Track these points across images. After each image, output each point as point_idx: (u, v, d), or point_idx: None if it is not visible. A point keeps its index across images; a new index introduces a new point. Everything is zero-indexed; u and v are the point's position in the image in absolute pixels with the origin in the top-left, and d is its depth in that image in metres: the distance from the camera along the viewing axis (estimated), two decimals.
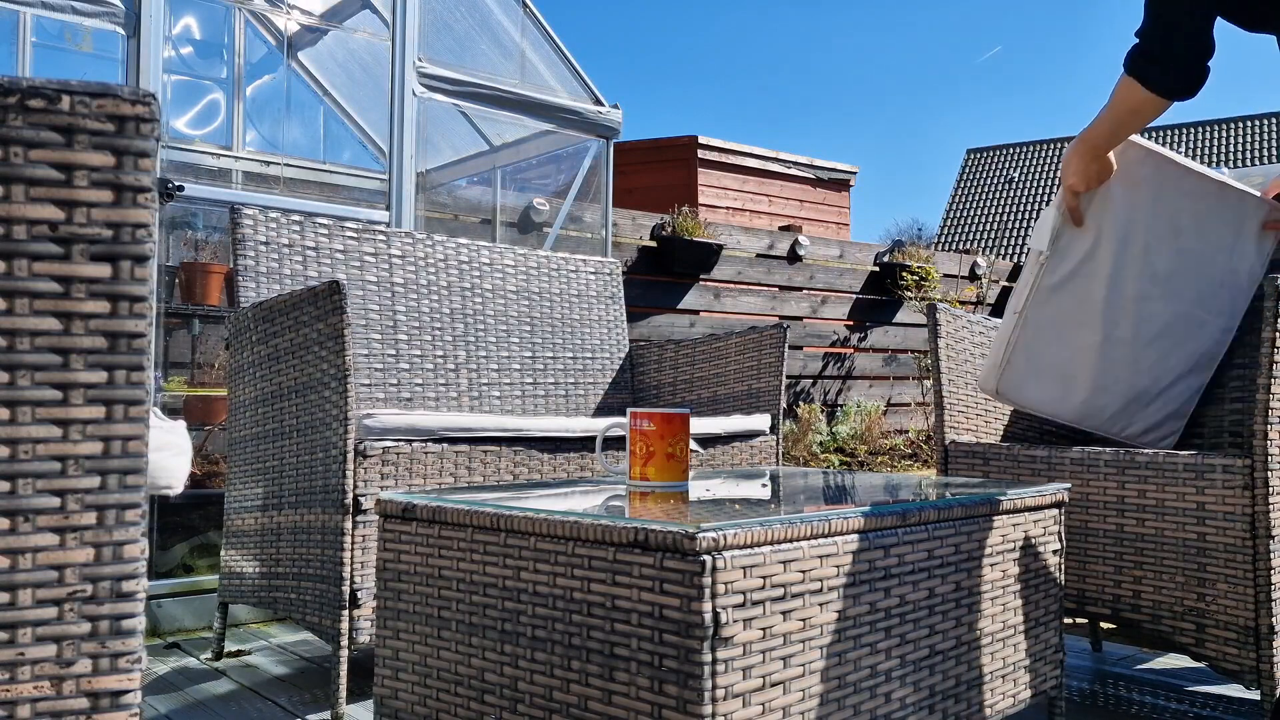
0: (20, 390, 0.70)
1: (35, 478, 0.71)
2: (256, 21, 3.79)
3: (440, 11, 3.14)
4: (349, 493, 1.78)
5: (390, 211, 2.91)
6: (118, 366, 0.73)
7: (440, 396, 2.48)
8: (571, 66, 3.36)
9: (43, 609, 0.71)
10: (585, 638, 1.11)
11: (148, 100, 0.73)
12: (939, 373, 2.15)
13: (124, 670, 0.73)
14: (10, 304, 0.70)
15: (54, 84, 0.70)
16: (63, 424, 0.71)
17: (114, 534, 0.73)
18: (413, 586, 1.30)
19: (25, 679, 0.70)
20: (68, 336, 0.71)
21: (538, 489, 1.52)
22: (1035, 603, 1.53)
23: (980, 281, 6.18)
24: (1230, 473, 1.76)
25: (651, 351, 2.81)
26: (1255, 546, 1.73)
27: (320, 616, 1.83)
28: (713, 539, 1.02)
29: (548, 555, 1.15)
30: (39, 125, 0.70)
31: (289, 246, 2.32)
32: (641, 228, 4.72)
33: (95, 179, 0.72)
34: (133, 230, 0.73)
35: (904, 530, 1.27)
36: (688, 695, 1.02)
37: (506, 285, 2.69)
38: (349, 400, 1.77)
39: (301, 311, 1.90)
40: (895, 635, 1.25)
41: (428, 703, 1.28)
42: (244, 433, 2.18)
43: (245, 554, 2.14)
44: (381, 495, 1.35)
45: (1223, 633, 1.76)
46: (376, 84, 3.35)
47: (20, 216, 0.70)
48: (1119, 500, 1.92)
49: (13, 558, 0.70)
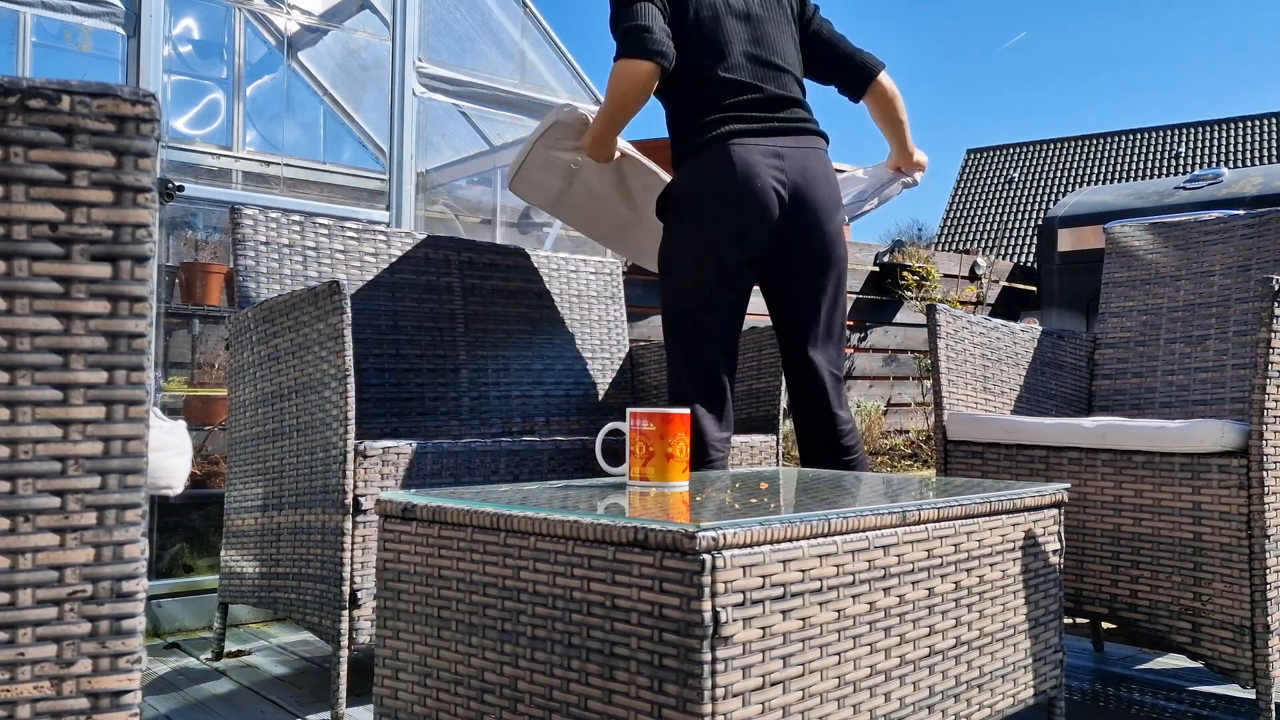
0: (20, 390, 0.70)
1: (35, 478, 0.71)
2: (256, 21, 3.79)
3: (440, 11, 3.14)
4: (349, 493, 1.78)
5: (390, 211, 2.92)
6: (118, 366, 0.73)
7: (440, 397, 2.48)
8: (571, 67, 3.36)
9: (43, 609, 0.71)
10: (585, 637, 1.11)
11: (148, 100, 0.73)
12: (939, 373, 2.15)
13: (124, 670, 0.73)
14: (10, 304, 0.70)
15: (54, 84, 0.70)
16: (63, 424, 0.71)
17: (114, 534, 0.73)
18: (413, 586, 1.30)
19: (25, 679, 0.71)
20: (68, 336, 0.71)
21: (537, 489, 1.52)
22: (1035, 603, 1.53)
23: (980, 281, 6.18)
24: (1226, 472, 1.76)
25: (651, 351, 2.81)
26: (1251, 546, 1.73)
27: (320, 616, 1.84)
28: (712, 538, 1.02)
29: (547, 555, 1.15)
30: (39, 125, 0.70)
31: (289, 246, 2.33)
32: None
33: (95, 179, 0.72)
34: (133, 230, 0.73)
35: (904, 530, 1.27)
36: (688, 694, 1.02)
37: (507, 285, 2.69)
38: (349, 400, 1.77)
39: (302, 311, 1.90)
40: (895, 635, 1.26)
41: (427, 703, 1.28)
42: (244, 433, 2.18)
43: (245, 554, 2.14)
44: (381, 495, 1.35)
45: (1219, 632, 1.77)
46: (376, 84, 3.35)
47: (20, 216, 0.70)
48: (1116, 500, 1.92)
49: (13, 558, 0.70)
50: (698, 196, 2.11)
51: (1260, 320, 1.70)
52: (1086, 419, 2.07)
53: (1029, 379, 2.41)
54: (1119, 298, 2.59)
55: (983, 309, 6.15)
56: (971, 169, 25.64)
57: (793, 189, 2.11)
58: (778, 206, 2.10)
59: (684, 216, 2.14)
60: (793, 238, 2.15)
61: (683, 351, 2.15)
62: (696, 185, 2.12)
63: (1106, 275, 2.63)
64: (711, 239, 2.10)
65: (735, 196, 2.06)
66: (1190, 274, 2.51)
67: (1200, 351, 2.41)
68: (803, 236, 2.15)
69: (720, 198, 2.08)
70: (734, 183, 2.07)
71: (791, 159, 2.12)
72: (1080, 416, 2.36)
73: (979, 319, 2.30)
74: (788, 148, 2.13)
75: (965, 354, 2.23)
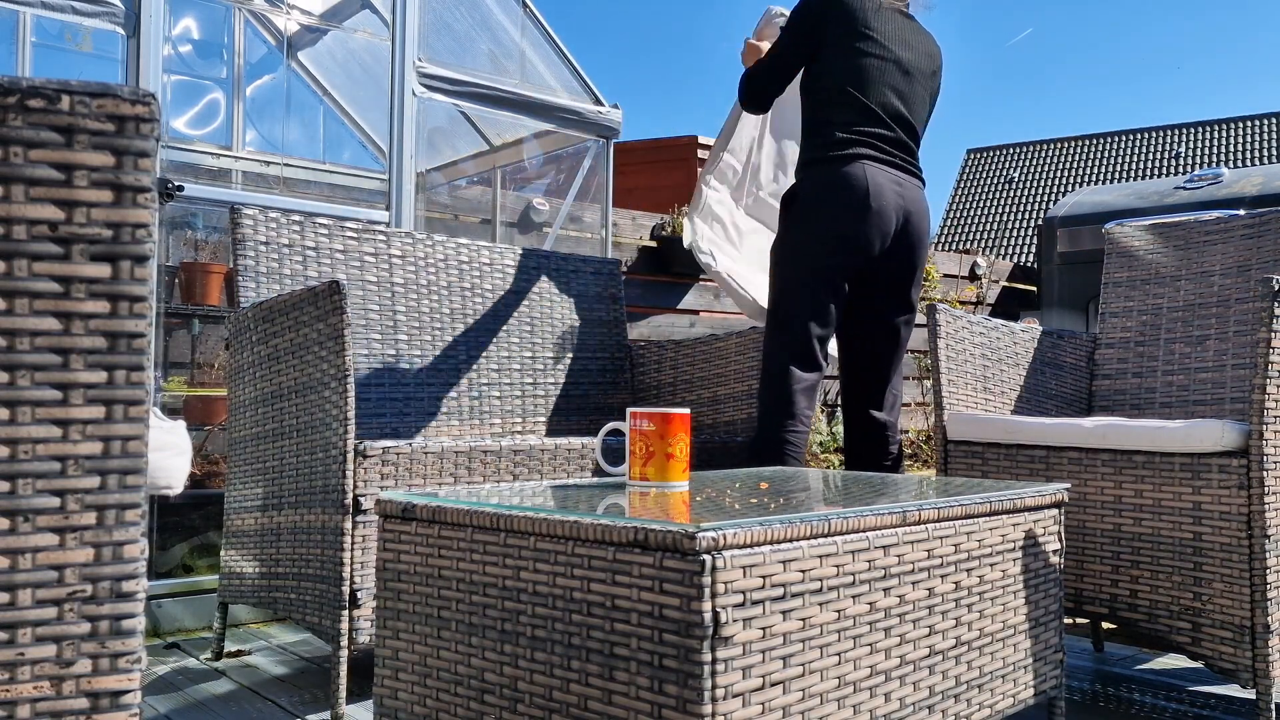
0: (20, 390, 0.70)
1: (35, 478, 0.71)
2: (256, 21, 3.79)
3: (440, 11, 3.14)
4: (349, 493, 1.78)
5: (390, 211, 2.91)
6: (118, 366, 0.73)
7: (440, 397, 2.48)
8: (571, 66, 3.36)
9: (43, 609, 0.71)
10: (585, 637, 1.11)
11: (148, 100, 0.73)
12: (939, 373, 2.15)
13: (124, 670, 0.73)
14: (10, 304, 0.70)
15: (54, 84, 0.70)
16: (63, 424, 0.71)
17: (114, 534, 0.73)
18: (413, 586, 1.30)
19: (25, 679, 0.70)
20: (68, 336, 0.71)
21: (538, 489, 1.52)
22: (1035, 603, 1.53)
23: (980, 281, 6.18)
24: (1226, 472, 1.76)
25: (651, 351, 2.81)
26: (1251, 546, 1.73)
27: (320, 616, 1.83)
28: (712, 538, 1.02)
29: (547, 555, 1.15)
30: (39, 125, 0.70)
31: (289, 246, 2.33)
32: (641, 228, 4.72)
33: (95, 179, 0.72)
34: (133, 230, 0.73)
35: (904, 530, 1.27)
36: (687, 695, 1.02)
37: (507, 285, 2.69)
38: (349, 400, 1.77)
39: (301, 311, 1.90)
40: (895, 635, 1.25)
41: (427, 703, 1.28)
42: (244, 433, 2.18)
43: (245, 554, 2.14)
44: (381, 495, 1.35)
45: (1219, 632, 1.77)
46: (376, 84, 3.35)
47: (20, 216, 0.70)
48: (1116, 500, 1.92)
49: (13, 558, 0.70)
50: (827, 200, 2.32)
51: (1260, 320, 1.70)
52: (1086, 419, 2.07)
53: (1029, 379, 2.41)
54: (1119, 298, 2.59)
55: (983, 309, 6.15)
56: (971, 169, 25.63)
57: (905, 217, 2.36)
58: (894, 226, 2.34)
59: (807, 215, 2.34)
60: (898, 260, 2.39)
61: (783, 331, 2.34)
62: (828, 190, 2.32)
63: (1106, 275, 2.63)
64: (833, 239, 2.31)
65: (863, 208, 2.28)
66: (1190, 274, 2.51)
67: (1200, 351, 2.41)
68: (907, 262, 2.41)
69: (849, 206, 2.29)
70: (865, 197, 2.29)
71: (909, 192, 2.37)
72: (1080, 416, 2.36)
73: (979, 319, 2.29)
74: (906, 183, 2.37)
75: (965, 354, 2.23)
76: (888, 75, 2.40)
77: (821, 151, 2.35)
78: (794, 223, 2.36)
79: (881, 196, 2.30)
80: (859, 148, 2.32)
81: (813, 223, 2.33)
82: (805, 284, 2.33)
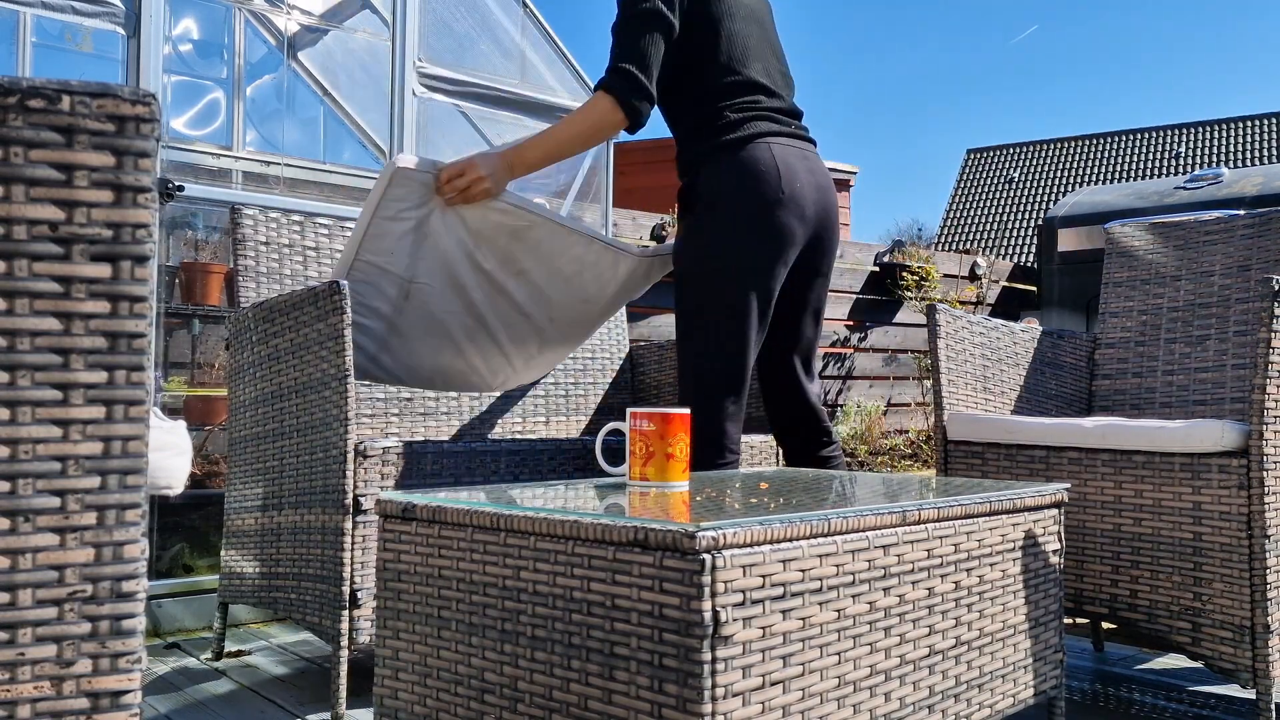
0: (20, 390, 0.70)
1: (35, 478, 0.71)
2: (256, 21, 3.79)
3: (440, 11, 3.14)
4: (349, 493, 1.78)
5: None
6: (118, 366, 0.73)
7: (440, 397, 2.48)
8: (571, 67, 3.36)
9: (43, 609, 0.71)
10: (585, 637, 1.11)
11: (148, 100, 0.73)
12: (939, 373, 2.15)
13: (124, 670, 0.73)
14: (10, 304, 0.70)
15: (54, 84, 0.70)
16: (63, 424, 0.71)
17: (114, 534, 0.73)
18: (413, 586, 1.30)
19: (25, 679, 0.71)
20: (68, 336, 0.71)
21: (537, 489, 1.52)
22: (1035, 603, 1.53)
23: (980, 281, 6.18)
24: (1226, 472, 1.76)
25: (651, 351, 2.81)
26: (1251, 546, 1.73)
27: (320, 617, 1.84)
28: (712, 538, 1.02)
29: (547, 555, 1.15)
30: (39, 125, 0.70)
31: (289, 246, 2.33)
32: (641, 228, 4.71)
33: (95, 179, 0.72)
34: (133, 230, 0.73)
35: (904, 530, 1.27)
36: (687, 694, 1.02)
37: None
38: (349, 400, 1.77)
39: (302, 311, 1.90)
40: (895, 635, 1.25)
41: (427, 703, 1.28)
42: (244, 433, 2.18)
43: (245, 554, 2.14)
44: (381, 495, 1.35)
45: (1219, 632, 1.77)
46: (376, 84, 3.35)
47: (20, 216, 0.70)
48: (1116, 500, 1.92)
49: (13, 558, 0.70)
50: (738, 194, 2.02)
51: (1260, 320, 1.70)
52: (1086, 419, 2.07)
53: (1029, 379, 2.41)
54: (1119, 298, 2.59)
55: (983, 309, 6.15)
56: (971, 169, 25.63)
57: (820, 193, 2.09)
58: (813, 209, 2.07)
59: (722, 215, 2.03)
60: (816, 241, 2.13)
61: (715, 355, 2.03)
62: (736, 182, 2.02)
63: (1106, 275, 2.63)
64: (755, 240, 2.02)
65: (780, 196, 2.01)
66: (1190, 274, 2.51)
67: (1200, 351, 2.41)
68: (824, 242, 2.15)
69: (761, 196, 2.01)
70: (778, 182, 2.01)
71: (815, 165, 2.11)
72: (1080, 416, 2.36)
73: (979, 319, 2.29)
74: (810, 154, 2.12)
75: (965, 354, 2.23)
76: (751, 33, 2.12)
77: (708, 142, 2.05)
78: (708, 225, 2.04)
79: (795, 178, 2.03)
80: (754, 125, 2.04)
81: (725, 223, 2.03)
82: (733, 295, 2.02)
